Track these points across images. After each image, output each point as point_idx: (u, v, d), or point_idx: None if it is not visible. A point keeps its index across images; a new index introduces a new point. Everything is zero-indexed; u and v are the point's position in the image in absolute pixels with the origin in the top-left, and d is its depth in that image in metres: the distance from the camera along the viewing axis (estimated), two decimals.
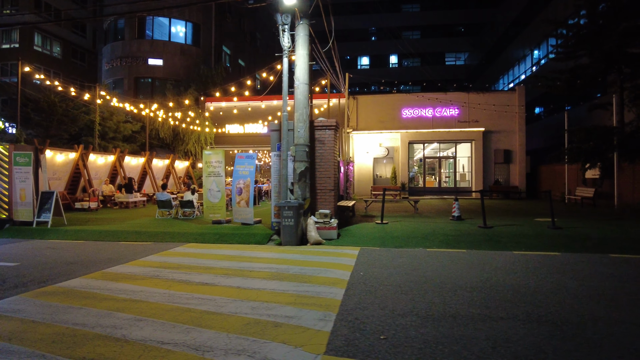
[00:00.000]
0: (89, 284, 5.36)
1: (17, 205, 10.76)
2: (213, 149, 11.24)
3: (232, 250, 7.98)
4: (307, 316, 4.13)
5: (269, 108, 22.95)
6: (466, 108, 21.52)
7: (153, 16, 25.39)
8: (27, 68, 13.97)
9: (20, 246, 8.60)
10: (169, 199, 12.01)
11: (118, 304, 4.46)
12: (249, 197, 10.29)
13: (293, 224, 8.48)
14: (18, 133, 12.73)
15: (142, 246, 8.51)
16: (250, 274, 5.91)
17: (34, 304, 4.46)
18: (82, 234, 9.84)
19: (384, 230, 9.72)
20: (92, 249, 8.17)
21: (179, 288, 5.15)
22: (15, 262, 6.82)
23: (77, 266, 6.53)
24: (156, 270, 6.19)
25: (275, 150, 9.66)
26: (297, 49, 9.03)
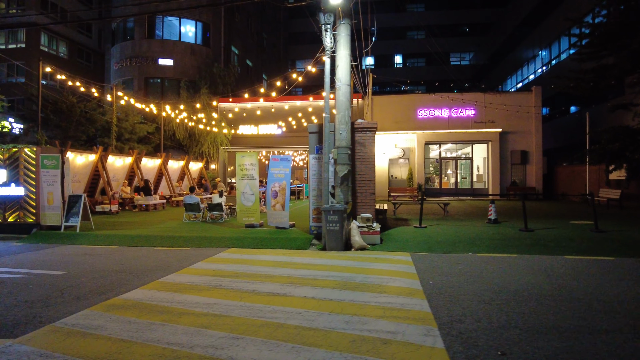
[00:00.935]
0: (153, 295, 5.09)
1: (44, 209, 10.44)
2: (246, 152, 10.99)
3: (279, 256, 7.73)
4: (409, 331, 3.90)
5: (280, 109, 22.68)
6: (482, 108, 21.38)
7: (163, 16, 25.05)
8: (48, 68, 13.62)
9: (55, 252, 8.30)
10: (197, 201, 11.74)
11: (200, 320, 4.20)
12: (285, 201, 10.05)
13: (338, 229, 8.24)
14: (39, 135, 12.40)
15: (182, 252, 8.24)
16: (315, 283, 5.67)
17: (110, 320, 4.19)
18: (114, 239, 9.55)
19: (425, 234, 9.50)
20: (132, 256, 7.89)
21: (251, 299, 4.90)
22: (62, 271, 6.53)
23: (127, 275, 6.26)
24: (215, 279, 5.93)
25: (313, 153, 9.42)
26: (339, 49, 8.80)
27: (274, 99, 22.60)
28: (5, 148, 10.65)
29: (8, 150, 10.61)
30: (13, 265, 7.06)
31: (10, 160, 10.59)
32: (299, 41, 47.29)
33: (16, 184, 10.49)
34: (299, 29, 47.13)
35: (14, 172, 10.56)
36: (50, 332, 3.85)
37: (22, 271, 6.53)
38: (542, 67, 28.91)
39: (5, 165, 10.59)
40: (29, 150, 10.53)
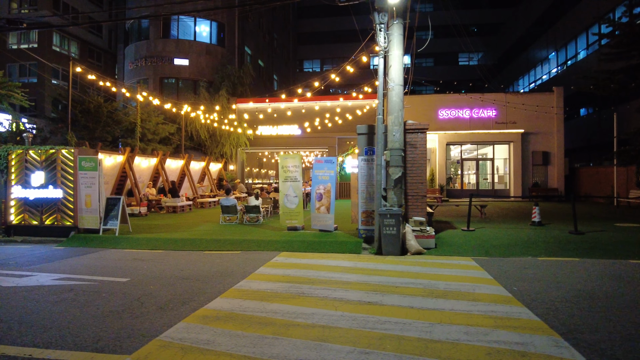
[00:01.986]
0: (241, 305, 4.88)
1: (81, 212, 10.21)
2: (289, 154, 10.75)
3: (339, 261, 7.53)
4: (538, 342, 3.72)
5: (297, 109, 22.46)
6: (503, 109, 21.23)
7: (178, 15, 24.80)
8: (79, 68, 13.38)
9: (104, 257, 8.07)
10: (234, 204, 11.53)
11: (312, 332, 3.99)
12: (330, 203, 9.84)
13: (395, 233, 8.05)
14: (69, 136, 12.16)
15: (234, 256, 8.03)
16: (398, 290, 5.47)
17: (216, 333, 3.98)
18: (157, 242, 9.33)
19: (477, 237, 9.31)
20: (185, 261, 7.68)
21: (347, 309, 4.70)
22: (124, 277, 6.31)
23: (195, 282, 6.05)
24: (291, 286, 5.72)
25: (362, 155, 9.22)
26: (392, 49, 8.61)
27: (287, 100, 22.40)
28: (42, 149, 10.42)
29: (45, 151, 10.38)
30: (68, 270, 6.83)
31: (48, 162, 10.36)
32: (307, 41, 47.12)
33: (54, 186, 10.26)
34: (307, 29, 46.96)
35: (51, 174, 10.33)
36: (162, 348, 3.63)
37: (84, 277, 6.31)
38: (557, 68, 28.80)
39: (43, 167, 10.36)
40: (67, 152, 10.30)
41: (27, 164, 10.49)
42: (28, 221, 10.50)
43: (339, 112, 21.87)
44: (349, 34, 48.05)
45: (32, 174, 10.37)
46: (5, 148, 10.63)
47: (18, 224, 10.56)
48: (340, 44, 47.39)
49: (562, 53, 27.76)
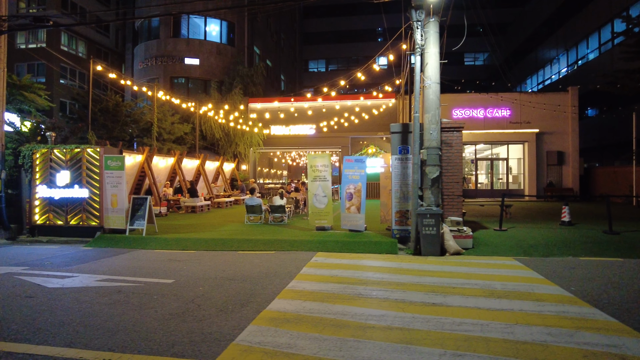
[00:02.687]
0: (305, 306, 4.73)
1: (107, 212, 10.05)
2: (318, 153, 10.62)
3: (380, 262, 7.40)
4: (630, 345, 3.60)
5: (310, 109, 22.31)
6: (518, 109, 21.12)
7: (188, 15, 24.65)
8: (99, 67, 13.21)
9: (137, 258, 7.92)
10: (259, 203, 11.38)
11: (392, 334, 3.86)
12: (361, 203, 9.71)
13: (435, 233, 7.93)
14: (90, 135, 12.00)
15: (271, 257, 7.88)
16: (456, 291, 5.34)
17: (292, 336, 3.84)
18: (187, 243, 9.18)
19: (511, 237, 9.18)
20: (222, 261, 7.54)
21: (415, 310, 4.57)
22: (168, 279, 6.17)
23: (243, 283, 5.91)
24: (345, 287, 5.58)
25: (396, 154, 9.09)
26: (428, 47, 8.49)
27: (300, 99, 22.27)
28: (68, 148, 10.27)
29: (70, 150, 10.23)
30: (107, 271, 6.68)
31: (73, 161, 10.21)
32: (312, 41, 47.02)
33: (79, 185, 10.11)
34: (313, 29, 46.86)
35: (77, 174, 10.18)
36: (245, 353, 3.49)
37: (126, 279, 6.16)
38: (567, 67, 28.73)
39: (68, 167, 10.21)
40: (92, 151, 10.15)
41: (51, 163, 10.34)
42: (53, 221, 10.34)
43: (353, 112, 21.74)
44: (354, 34, 48.03)
45: (57, 174, 10.22)
46: (29, 147, 10.47)
47: (43, 224, 10.40)
48: (346, 44, 47.34)
49: (573, 52, 27.69)
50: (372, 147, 21.58)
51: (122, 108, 15.25)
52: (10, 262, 7.54)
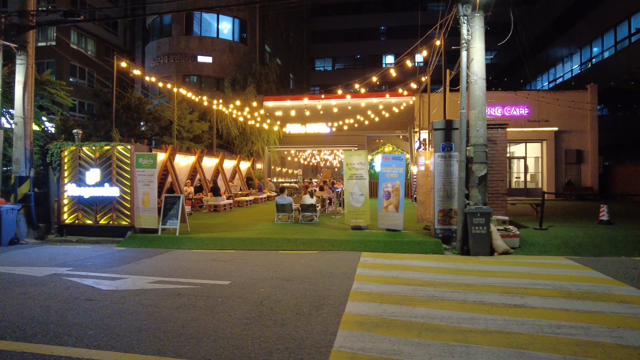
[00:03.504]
0: (384, 309, 4.51)
1: (138, 211, 9.82)
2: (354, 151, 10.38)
3: (432, 262, 7.18)
4: None
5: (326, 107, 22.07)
6: (536, 107, 20.92)
7: (201, 12, 24.41)
8: (124, 63, 12.94)
9: (179, 258, 7.69)
10: (290, 202, 11.16)
11: (495, 338, 3.64)
12: (399, 202, 9.49)
13: (485, 232, 7.72)
14: (114, 133, 11.76)
15: (315, 256, 7.66)
16: (528, 292, 5.12)
17: (391, 342, 3.61)
18: (223, 242, 8.95)
19: (553, 236, 8.96)
20: (268, 261, 7.31)
21: (499, 312, 4.35)
22: (223, 280, 5.94)
23: (302, 284, 5.68)
24: (412, 288, 5.36)
25: (439, 151, 8.86)
26: (474, 42, 8.27)
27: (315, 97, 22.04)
28: (97, 146, 10.03)
29: (100, 148, 9.99)
30: (155, 272, 6.45)
31: (103, 159, 9.97)
32: (319, 40, 46.77)
33: (109, 184, 9.87)
34: (320, 27, 46.60)
35: (107, 172, 9.94)
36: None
37: (180, 280, 5.93)
38: (580, 66, 28.53)
39: (97, 164, 9.97)
40: (122, 148, 9.91)
41: (80, 161, 10.10)
42: (82, 220, 10.10)
43: (369, 110, 21.51)
44: (361, 32, 47.81)
45: (86, 172, 9.98)
46: (57, 145, 10.23)
47: (71, 223, 10.16)
48: (353, 43, 47.11)
49: (587, 51, 27.47)
50: (389, 145, 21.36)
51: (144, 105, 14.99)
52: (51, 262, 7.30)
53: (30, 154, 10.24)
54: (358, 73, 48.78)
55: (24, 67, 10.11)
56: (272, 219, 12.22)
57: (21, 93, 10.03)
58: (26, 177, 10.09)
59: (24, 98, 10.06)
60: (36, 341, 3.65)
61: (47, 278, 6.07)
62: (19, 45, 10.04)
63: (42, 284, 5.71)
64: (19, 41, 10.01)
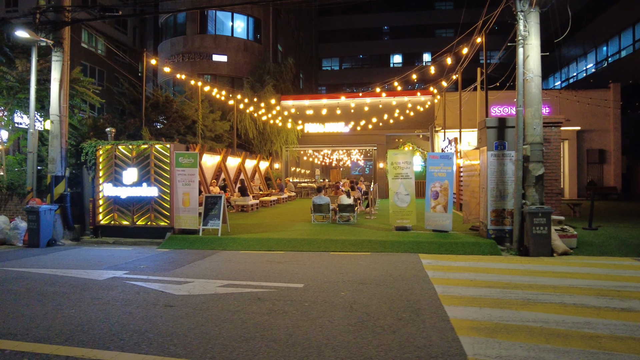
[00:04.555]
0: (490, 314, 4.28)
1: (178, 212, 9.56)
2: (399, 149, 10.15)
3: (503, 264, 6.96)
4: None
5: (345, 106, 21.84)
6: (557, 106, 20.75)
7: (215, 10, 24.15)
8: (154, 61, 12.67)
9: (230, 259, 7.44)
10: (328, 202, 10.92)
11: (634, 345, 3.41)
12: (447, 202, 9.26)
13: (546, 233, 7.50)
14: (144, 131, 11.51)
15: (371, 258, 7.42)
16: (626, 295, 4.90)
17: (523, 349, 3.38)
18: (269, 243, 8.70)
19: (609, 236, 8.78)
20: (324, 262, 7.07)
21: (613, 317, 4.12)
22: (295, 283, 5.69)
23: (378, 287, 5.45)
24: (502, 291, 5.13)
25: (492, 150, 8.64)
26: (530, 39, 8.07)
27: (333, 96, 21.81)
28: (134, 145, 9.77)
29: (137, 146, 9.73)
30: (218, 275, 6.19)
31: (140, 158, 9.70)
32: (327, 39, 46.53)
33: (148, 183, 9.61)
34: (327, 26, 46.36)
35: (144, 171, 9.67)
36: None
37: (250, 284, 5.68)
38: (594, 65, 28.39)
39: (135, 164, 9.71)
40: (161, 147, 9.65)
41: (116, 160, 9.84)
42: (118, 221, 9.83)
43: (389, 109, 21.29)
44: (367, 32, 47.59)
45: (123, 171, 9.71)
46: (92, 143, 9.96)
47: (107, 224, 9.89)
48: (359, 42, 46.90)
49: (603, 49, 27.33)
50: (408, 145, 21.15)
51: (172, 104, 14.72)
52: (101, 265, 7.04)
53: (66, 153, 9.97)
54: (365, 73, 48.64)
55: (59, 63, 9.85)
56: (305, 219, 11.99)
57: (57, 90, 9.77)
58: (62, 177, 9.83)
59: (60, 96, 9.79)
60: (147, 352, 3.40)
61: (109, 282, 5.81)
62: (55, 42, 9.80)
63: (109, 288, 5.45)
64: (55, 37, 9.76)
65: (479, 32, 12.05)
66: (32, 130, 10.06)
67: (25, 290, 5.29)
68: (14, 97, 11.26)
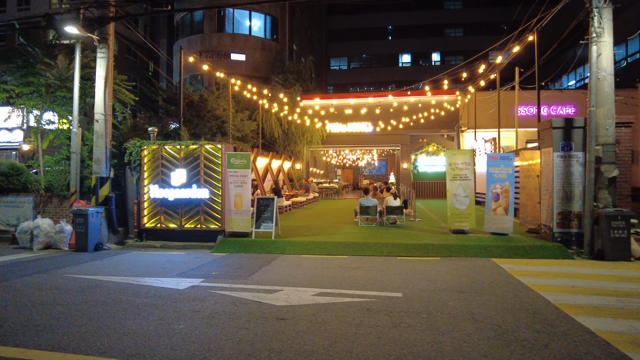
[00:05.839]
0: (631, 325, 4.02)
1: (230, 214, 9.25)
2: (458, 150, 9.87)
3: (585, 269, 6.71)
4: None
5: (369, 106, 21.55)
6: (583, 106, 20.54)
7: (233, 8, 23.80)
8: (191, 58, 12.34)
9: (299, 264, 7.14)
10: (375, 204, 10.64)
11: None
12: (509, 204, 9.00)
13: (625, 236, 7.28)
14: (182, 131, 11.20)
15: (445, 263, 7.16)
16: None
17: None
18: (328, 247, 8.41)
19: None
20: (398, 268, 6.80)
21: None
22: (390, 292, 5.41)
23: (481, 296, 5.18)
24: (619, 300, 4.87)
25: (558, 151, 8.38)
26: (604, 36, 7.84)
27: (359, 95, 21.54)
28: (183, 145, 9.45)
29: (186, 147, 9.41)
30: (300, 283, 5.90)
31: (189, 159, 9.38)
32: (335, 38, 46.23)
33: (197, 185, 9.29)
34: (336, 26, 46.06)
35: (194, 172, 9.35)
36: None
37: (344, 292, 5.38)
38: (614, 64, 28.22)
39: (183, 165, 9.38)
40: (212, 148, 9.33)
41: (163, 161, 9.51)
42: (165, 224, 9.49)
43: (413, 109, 21.03)
44: (376, 31, 47.33)
45: (171, 172, 9.39)
46: (136, 144, 9.62)
47: (152, 227, 9.56)
48: (367, 42, 46.62)
49: (622, 48, 27.18)
50: (433, 145, 20.90)
51: (206, 103, 14.37)
52: (168, 272, 6.72)
53: (110, 154, 9.64)
54: (373, 72, 48.37)
55: (105, 60, 9.53)
56: (346, 221, 11.75)
57: (102, 88, 9.43)
58: (107, 178, 9.49)
59: (105, 94, 9.46)
60: None
61: (193, 291, 5.49)
62: (101, 38, 9.47)
63: (198, 298, 5.13)
64: (100, 34, 9.43)
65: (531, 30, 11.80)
66: (75, 129, 9.73)
67: (113, 301, 4.97)
68: (53, 95, 10.91)
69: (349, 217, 13.11)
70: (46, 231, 8.98)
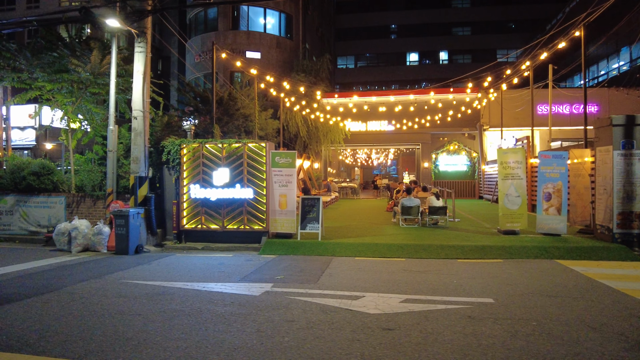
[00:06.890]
0: None
1: (274, 214, 8.94)
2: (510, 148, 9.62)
3: None
4: None
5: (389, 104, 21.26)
6: (606, 104, 20.39)
7: (248, 5, 23.45)
8: (224, 55, 12.01)
9: (360, 267, 6.85)
10: (417, 204, 10.36)
11: None
12: (562, 204, 8.74)
13: None
14: (215, 129, 10.87)
15: (510, 265, 6.90)
16: None
17: None
18: (378, 248, 8.13)
19: None
20: (474, 272, 6.53)
21: None
22: (486, 298, 5.11)
23: (571, 300, 4.92)
24: None
25: (618, 149, 8.12)
26: None
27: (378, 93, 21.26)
28: (226, 143, 9.13)
29: (228, 145, 9.09)
30: (376, 288, 5.61)
31: (232, 158, 9.07)
32: (342, 37, 45.90)
33: (241, 185, 8.97)
34: (343, 24, 45.74)
35: (237, 172, 9.04)
36: None
37: (431, 299, 5.09)
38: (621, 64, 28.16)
39: (225, 164, 9.07)
40: (255, 146, 9.02)
41: (203, 160, 9.18)
42: (205, 225, 9.17)
43: (433, 108, 20.76)
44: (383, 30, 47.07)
45: (213, 172, 9.06)
46: (174, 142, 9.29)
47: (192, 228, 9.24)
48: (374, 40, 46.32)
49: (636, 48, 27.03)
50: (454, 143, 20.65)
51: (235, 101, 14.03)
52: (229, 276, 6.39)
53: (148, 153, 9.30)
54: (381, 71, 48.09)
55: (143, 55, 9.20)
56: (382, 221, 11.49)
57: (141, 84, 9.10)
58: (145, 178, 9.16)
59: (143, 89, 9.13)
60: None
61: (270, 298, 5.18)
62: (139, 32, 9.14)
63: (282, 306, 4.81)
64: (139, 27, 9.10)
65: (578, 25, 11.55)
66: (112, 127, 9.40)
67: (193, 311, 4.64)
68: (85, 91, 10.56)
69: (383, 217, 12.84)
70: (84, 233, 8.65)
